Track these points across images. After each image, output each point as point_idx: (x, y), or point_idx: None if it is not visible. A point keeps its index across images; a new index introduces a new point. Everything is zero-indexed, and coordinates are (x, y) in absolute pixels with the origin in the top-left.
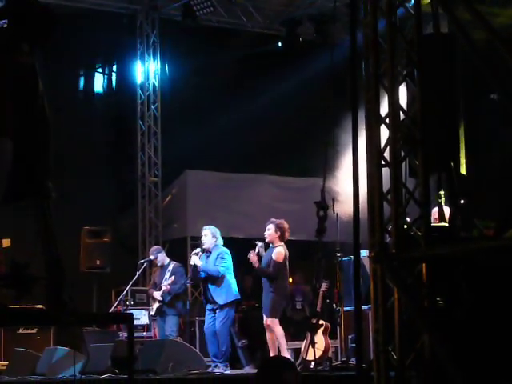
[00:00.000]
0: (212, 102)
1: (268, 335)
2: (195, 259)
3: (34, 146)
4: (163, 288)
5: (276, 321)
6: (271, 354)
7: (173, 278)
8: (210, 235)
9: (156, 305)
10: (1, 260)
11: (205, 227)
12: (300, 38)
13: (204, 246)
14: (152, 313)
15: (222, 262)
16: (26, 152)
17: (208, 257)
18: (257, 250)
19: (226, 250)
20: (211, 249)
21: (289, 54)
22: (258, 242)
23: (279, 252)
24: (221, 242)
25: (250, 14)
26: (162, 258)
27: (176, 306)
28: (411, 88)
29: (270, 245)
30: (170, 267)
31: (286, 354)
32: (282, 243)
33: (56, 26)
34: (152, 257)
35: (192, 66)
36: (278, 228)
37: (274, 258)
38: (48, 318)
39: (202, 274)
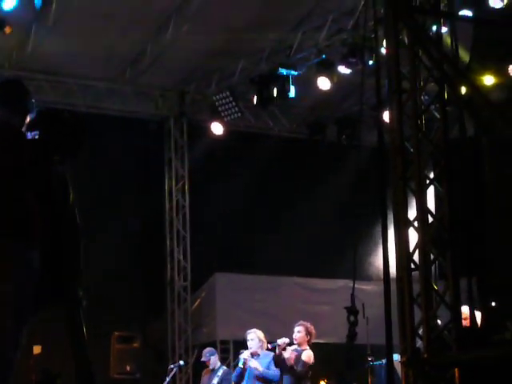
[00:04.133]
0: (240, 205)
1: None
2: (254, 363)
3: (64, 255)
4: None
5: None
6: None
7: None
8: (256, 339)
9: None
10: (31, 367)
11: (249, 331)
12: (325, 141)
13: (251, 350)
14: None
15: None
16: (56, 260)
17: (257, 360)
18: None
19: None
20: (259, 352)
21: (314, 156)
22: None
23: (310, 355)
24: (265, 345)
25: (277, 119)
26: (215, 361)
27: None
28: (438, 191)
29: (296, 346)
30: (220, 373)
31: None
32: (308, 347)
33: (86, 136)
34: (204, 359)
35: (220, 170)
36: (308, 331)
37: (304, 359)
38: None
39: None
